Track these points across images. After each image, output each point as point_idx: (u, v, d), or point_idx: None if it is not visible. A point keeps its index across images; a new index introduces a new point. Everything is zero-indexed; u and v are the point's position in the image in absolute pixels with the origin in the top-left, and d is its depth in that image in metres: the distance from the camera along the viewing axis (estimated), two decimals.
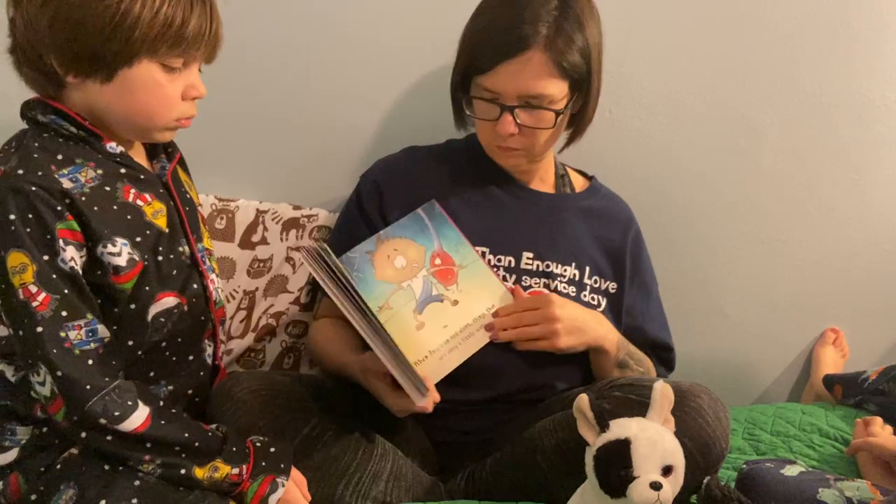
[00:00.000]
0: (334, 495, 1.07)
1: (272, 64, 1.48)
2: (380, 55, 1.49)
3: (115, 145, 1.07)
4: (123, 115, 1.04)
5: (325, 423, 1.11)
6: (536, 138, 1.23)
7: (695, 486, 1.06)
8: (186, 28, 1.01)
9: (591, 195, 1.40)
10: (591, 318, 1.27)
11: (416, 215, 1.28)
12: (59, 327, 0.97)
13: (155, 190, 1.11)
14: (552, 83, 1.18)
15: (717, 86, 1.58)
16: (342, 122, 1.53)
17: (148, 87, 1.02)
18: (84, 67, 1.00)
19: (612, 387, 1.16)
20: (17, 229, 0.96)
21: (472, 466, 1.22)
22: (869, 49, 1.57)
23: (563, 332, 1.21)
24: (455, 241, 1.28)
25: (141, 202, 1.08)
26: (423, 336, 1.19)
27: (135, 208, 1.07)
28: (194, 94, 1.07)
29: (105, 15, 0.97)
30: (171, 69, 1.03)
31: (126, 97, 1.02)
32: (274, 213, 1.50)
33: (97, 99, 1.03)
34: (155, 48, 1.00)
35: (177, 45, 1.01)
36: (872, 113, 1.61)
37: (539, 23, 1.17)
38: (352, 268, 1.24)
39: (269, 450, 1.04)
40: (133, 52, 0.99)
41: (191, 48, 1.02)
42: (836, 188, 1.66)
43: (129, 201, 1.06)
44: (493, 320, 1.22)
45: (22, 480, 1.04)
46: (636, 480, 0.91)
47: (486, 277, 1.26)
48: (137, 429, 0.98)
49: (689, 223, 1.66)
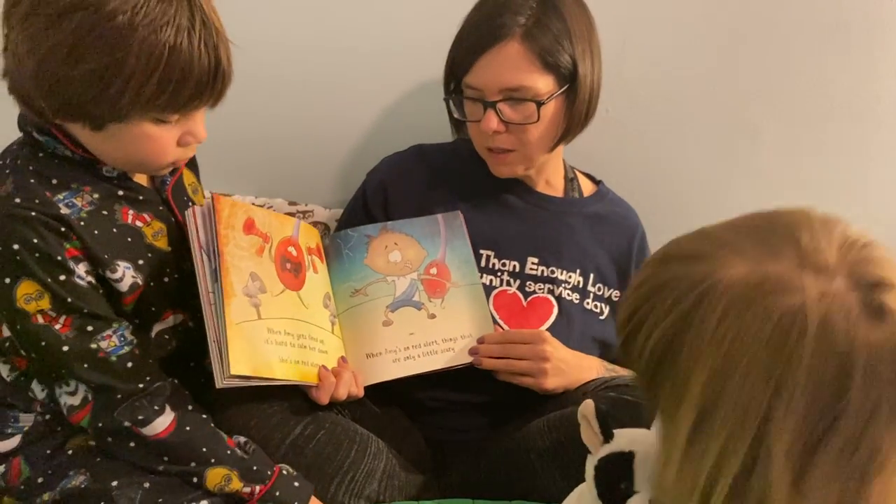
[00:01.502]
0: (328, 494, 1.07)
1: (270, 59, 1.47)
2: (379, 52, 1.49)
3: (111, 168, 1.01)
4: (115, 158, 0.99)
5: (318, 423, 1.10)
6: (525, 135, 1.21)
7: None
8: (186, 84, 0.90)
9: (599, 200, 1.39)
10: (578, 363, 1.23)
11: (434, 219, 1.27)
12: (88, 341, 0.96)
13: (154, 209, 1.06)
14: (533, 75, 1.17)
15: (715, 86, 1.57)
16: (340, 118, 1.52)
17: (139, 141, 0.95)
18: (71, 116, 0.92)
19: (608, 387, 1.16)
20: (23, 258, 0.92)
21: (466, 466, 1.22)
22: (867, 49, 1.57)
23: (550, 372, 1.18)
24: (462, 258, 1.26)
25: (140, 223, 1.03)
26: (386, 333, 1.18)
27: (135, 230, 1.02)
28: (189, 142, 0.99)
29: (91, 78, 0.87)
30: (165, 123, 0.94)
31: (117, 146, 0.96)
32: (270, 209, 1.49)
33: (87, 141, 0.97)
34: (146, 109, 0.91)
35: (171, 108, 0.92)
36: (870, 113, 1.61)
37: (517, 15, 1.16)
38: (346, 244, 1.24)
39: (293, 483, 1.03)
40: (123, 114, 0.91)
41: (188, 106, 0.93)
42: (834, 189, 1.65)
43: (129, 223, 1.02)
44: (476, 345, 1.20)
45: (24, 465, 1.04)
46: (635, 496, 0.90)
47: (477, 305, 1.23)
48: (160, 434, 0.98)
49: (685, 223, 1.64)
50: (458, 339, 1.20)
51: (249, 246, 1.09)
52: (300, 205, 1.52)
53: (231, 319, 1.01)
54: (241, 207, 1.11)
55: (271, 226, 1.14)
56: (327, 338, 1.16)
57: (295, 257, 1.16)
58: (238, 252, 1.07)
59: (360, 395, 1.14)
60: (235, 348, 1.00)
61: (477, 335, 1.21)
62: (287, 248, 1.15)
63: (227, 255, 1.05)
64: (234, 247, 1.06)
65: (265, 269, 1.09)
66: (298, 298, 1.13)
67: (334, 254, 1.25)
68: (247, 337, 1.02)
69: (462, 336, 1.21)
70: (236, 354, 1.00)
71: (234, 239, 1.07)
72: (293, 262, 1.15)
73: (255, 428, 1.07)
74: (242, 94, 1.48)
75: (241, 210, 1.11)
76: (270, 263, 1.11)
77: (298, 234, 1.19)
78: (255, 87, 1.49)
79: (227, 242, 1.05)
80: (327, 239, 1.28)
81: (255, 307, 1.06)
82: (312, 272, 1.19)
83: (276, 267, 1.12)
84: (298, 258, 1.17)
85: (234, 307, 1.02)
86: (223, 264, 1.03)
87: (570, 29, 1.18)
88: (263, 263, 1.10)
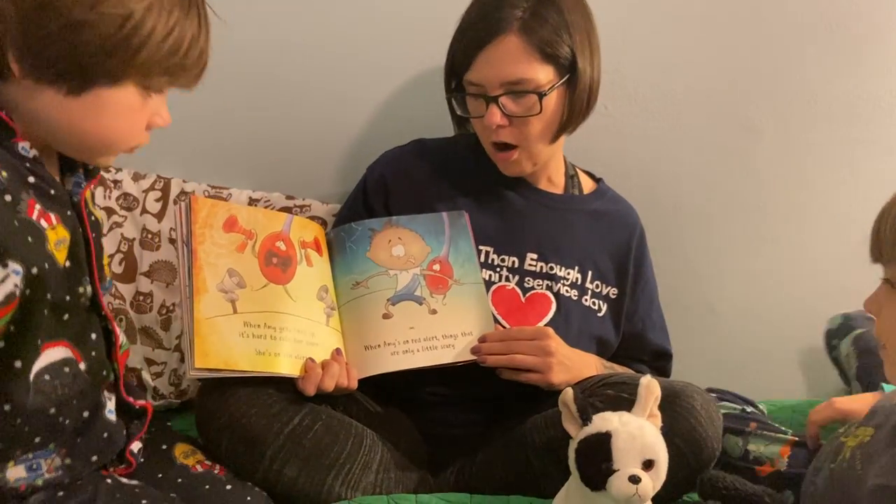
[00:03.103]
0: (324, 486, 1.07)
1: (268, 54, 1.47)
2: (377, 48, 1.49)
3: (28, 147, 0.86)
4: (76, 135, 0.87)
5: (315, 414, 1.10)
6: (528, 128, 1.21)
7: (687, 486, 1.06)
8: (187, 56, 0.87)
9: (599, 198, 1.39)
10: (580, 359, 1.23)
11: (438, 217, 1.27)
12: None
13: (62, 211, 0.89)
14: (533, 67, 1.18)
15: (714, 84, 1.58)
16: (337, 113, 1.52)
17: (119, 112, 0.86)
18: (51, 75, 0.82)
19: (605, 384, 1.15)
20: None
21: (463, 460, 1.22)
22: (865, 48, 1.57)
23: (556, 367, 1.17)
24: (465, 256, 1.26)
25: (45, 223, 0.86)
26: (386, 326, 1.18)
27: (38, 230, 0.84)
28: (158, 123, 0.92)
29: (112, 25, 0.80)
30: (147, 94, 0.88)
31: (89, 117, 0.85)
32: (267, 203, 1.50)
33: (49, 109, 0.84)
34: (150, 72, 0.85)
35: (172, 73, 0.87)
36: (868, 113, 1.61)
37: (514, 8, 1.17)
38: (349, 237, 1.24)
39: None
40: (125, 73, 0.84)
41: (182, 75, 0.89)
42: (832, 188, 1.66)
43: (33, 219, 0.84)
44: (478, 344, 1.19)
45: None
46: (615, 474, 0.91)
47: (478, 303, 1.23)
48: None
49: (682, 222, 1.66)
50: (459, 336, 1.20)
51: (229, 243, 1.13)
52: (298, 199, 1.51)
53: (200, 315, 1.05)
54: (222, 207, 1.16)
55: (257, 223, 1.17)
56: (319, 330, 1.16)
57: (283, 252, 1.17)
58: (215, 249, 1.11)
59: (352, 388, 1.13)
60: (204, 343, 1.04)
61: (477, 333, 1.21)
62: (275, 244, 1.17)
63: (202, 252, 1.09)
64: (210, 244, 1.11)
65: (246, 265, 1.13)
66: (285, 292, 1.15)
67: (337, 246, 1.25)
68: (218, 331, 1.06)
69: (462, 333, 1.20)
70: (204, 348, 1.04)
71: (210, 237, 1.11)
72: (281, 256, 1.17)
73: (255, 416, 1.07)
74: (241, 89, 1.49)
75: (223, 209, 1.15)
76: (253, 259, 1.14)
77: (290, 229, 1.20)
78: (253, 81, 1.49)
79: (203, 241, 1.10)
80: (331, 232, 1.28)
81: (231, 302, 1.09)
82: (306, 265, 1.19)
83: (260, 262, 1.14)
84: (287, 252, 1.18)
85: (205, 302, 1.07)
86: (196, 262, 1.09)
87: (567, 20, 1.19)
88: (244, 259, 1.13)
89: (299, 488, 1.07)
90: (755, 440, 1.19)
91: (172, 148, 1.51)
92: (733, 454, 1.19)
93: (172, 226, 1.42)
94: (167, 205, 1.47)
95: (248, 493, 1.03)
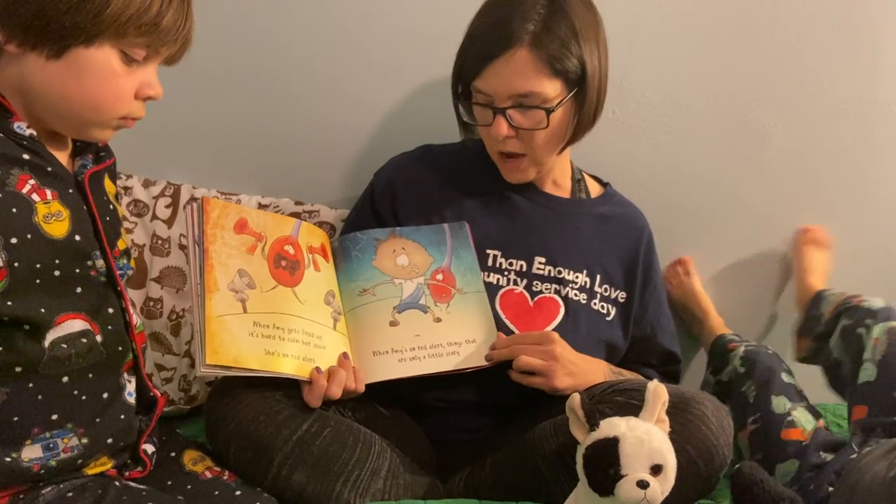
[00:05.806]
0: (333, 493, 1.07)
1: (277, 58, 1.48)
2: (384, 52, 1.49)
3: (24, 126, 0.91)
4: (63, 101, 0.90)
5: (324, 421, 1.10)
6: (535, 140, 1.22)
7: (697, 494, 1.06)
8: (162, 18, 0.89)
9: (606, 202, 1.39)
10: (587, 365, 1.23)
11: (440, 228, 1.28)
12: None
13: (62, 189, 0.93)
14: (542, 81, 1.17)
15: (721, 88, 1.57)
16: (346, 118, 1.53)
17: (101, 75, 0.89)
18: (31, 37, 0.85)
19: (615, 391, 1.15)
20: None
21: (472, 466, 1.22)
22: (872, 51, 1.57)
23: (560, 372, 1.18)
24: (467, 266, 1.27)
25: (37, 197, 0.90)
26: (393, 333, 1.20)
27: (26, 203, 0.89)
28: (149, 94, 0.93)
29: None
30: (131, 60, 0.90)
31: (72, 80, 0.88)
32: (276, 208, 1.50)
33: (35, 76, 0.88)
34: (123, 31, 0.87)
35: (147, 34, 0.88)
36: (876, 115, 1.61)
37: (526, 21, 1.16)
38: (355, 246, 1.25)
39: None
40: (97, 31, 0.86)
41: (160, 41, 0.90)
42: (839, 191, 1.65)
43: (22, 192, 0.89)
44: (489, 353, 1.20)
45: None
46: (624, 479, 0.91)
47: (481, 311, 1.24)
48: None
49: (692, 225, 1.65)
50: (463, 344, 1.21)
51: (240, 244, 1.13)
52: (306, 204, 1.52)
53: (212, 313, 1.06)
54: (233, 209, 1.16)
55: (267, 226, 1.18)
56: (326, 333, 1.16)
57: (292, 255, 1.18)
58: (226, 250, 1.12)
59: (359, 391, 1.14)
60: (214, 340, 1.04)
61: (481, 340, 1.22)
62: (283, 247, 1.18)
63: (213, 252, 1.10)
64: (221, 245, 1.11)
65: (256, 267, 1.13)
66: (293, 294, 1.15)
67: (343, 254, 1.26)
68: (229, 329, 1.06)
69: (467, 340, 1.21)
70: (214, 345, 1.04)
71: (221, 238, 1.12)
72: (289, 259, 1.17)
73: (263, 422, 1.07)
74: (250, 96, 1.50)
75: (234, 211, 1.15)
76: (263, 261, 1.14)
77: (298, 233, 1.21)
78: (262, 88, 1.49)
79: (214, 241, 1.11)
80: (336, 241, 1.28)
81: (242, 302, 1.10)
82: (313, 270, 1.20)
83: (270, 264, 1.15)
84: (296, 256, 1.19)
85: (216, 301, 1.07)
86: (207, 261, 1.09)
87: (577, 31, 1.18)
88: (255, 261, 1.14)
89: (308, 495, 1.06)
90: (801, 411, 1.34)
91: (182, 154, 1.52)
92: (777, 409, 1.35)
93: (182, 232, 1.43)
94: (177, 211, 1.48)
95: (258, 499, 1.03)
